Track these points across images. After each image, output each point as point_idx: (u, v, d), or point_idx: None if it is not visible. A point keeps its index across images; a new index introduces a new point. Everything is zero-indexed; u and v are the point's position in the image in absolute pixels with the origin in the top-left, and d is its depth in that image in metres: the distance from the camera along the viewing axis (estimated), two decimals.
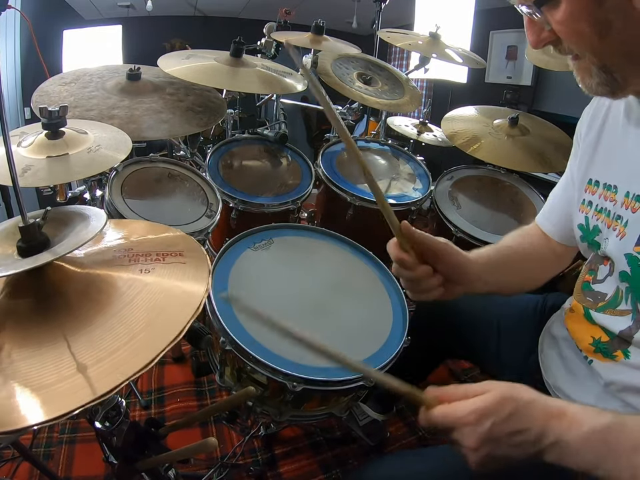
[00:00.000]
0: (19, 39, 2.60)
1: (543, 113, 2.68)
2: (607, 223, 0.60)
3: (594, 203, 0.63)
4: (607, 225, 0.60)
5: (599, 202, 0.62)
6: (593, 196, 0.64)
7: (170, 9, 4.04)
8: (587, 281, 0.66)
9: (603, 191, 0.62)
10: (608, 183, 0.61)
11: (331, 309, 0.86)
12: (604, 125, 0.65)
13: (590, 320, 0.63)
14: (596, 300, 0.63)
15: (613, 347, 0.58)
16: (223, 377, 0.83)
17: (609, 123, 0.64)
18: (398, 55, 4.26)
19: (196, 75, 1.20)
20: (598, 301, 0.62)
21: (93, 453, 1.07)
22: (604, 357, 0.60)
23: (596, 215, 0.63)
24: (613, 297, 0.60)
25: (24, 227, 0.46)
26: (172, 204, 1.13)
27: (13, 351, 0.40)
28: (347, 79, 1.50)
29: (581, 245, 0.68)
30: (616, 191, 0.59)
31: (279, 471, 1.12)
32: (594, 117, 0.67)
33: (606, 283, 0.62)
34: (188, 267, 0.51)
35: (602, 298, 0.62)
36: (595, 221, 0.63)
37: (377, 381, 0.49)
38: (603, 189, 0.62)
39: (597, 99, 0.68)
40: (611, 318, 0.59)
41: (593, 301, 0.63)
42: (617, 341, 0.58)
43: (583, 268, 0.69)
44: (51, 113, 0.83)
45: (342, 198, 1.31)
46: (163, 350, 0.39)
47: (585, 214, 0.65)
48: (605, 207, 0.60)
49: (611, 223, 0.59)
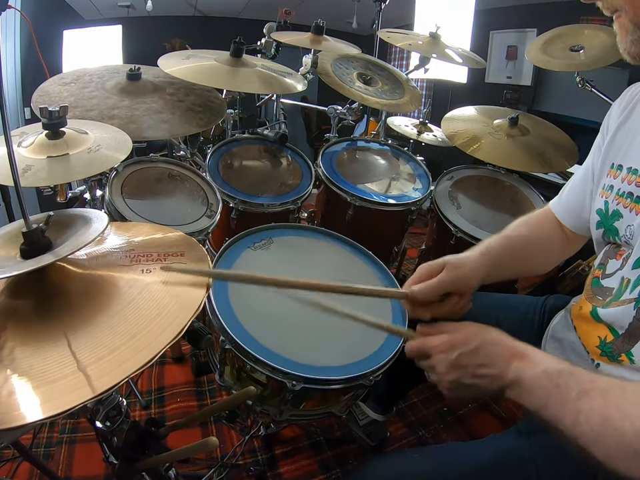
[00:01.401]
0: (19, 38, 2.59)
1: (542, 112, 2.69)
2: (631, 207, 0.59)
3: (615, 187, 0.63)
4: (631, 209, 0.59)
5: (622, 186, 0.61)
6: (615, 180, 0.63)
7: (170, 9, 4.05)
8: (596, 276, 0.66)
9: (627, 175, 0.61)
10: (633, 167, 0.60)
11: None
12: (631, 113, 0.64)
13: (596, 318, 0.62)
14: (604, 296, 0.62)
15: (617, 349, 0.58)
16: (223, 377, 0.84)
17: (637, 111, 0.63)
18: (398, 55, 4.27)
19: (196, 75, 1.20)
20: (606, 297, 0.62)
21: (93, 453, 1.07)
22: (610, 360, 0.59)
23: (617, 199, 0.62)
24: (617, 289, 0.60)
25: (27, 232, 0.46)
26: (172, 204, 1.13)
27: (15, 349, 0.41)
28: (347, 79, 1.51)
29: (596, 233, 0.68)
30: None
31: (279, 470, 1.12)
32: (623, 109, 0.67)
33: (614, 278, 0.61)
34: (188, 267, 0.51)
35: (610, 293, 0.61)
36: (615, 206, 0.62)
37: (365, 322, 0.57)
38: (627, 173, 0.61)
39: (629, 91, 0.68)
40: (615, 311, 0.59)
41: (602, 298, 0.63)
42: (621, 341, 0.57)
43: (595, 264, 0.69)
44: (51, 113, 0.83)
45: (342, 198, 1.32)
46: (163, 348, 0.39)
47: (605, 198, 0.64)
48: (630, 190, 0.59)
49: (634, 207, 0.58)
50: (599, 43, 1.33)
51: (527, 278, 1.93)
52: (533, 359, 0.49)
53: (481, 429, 1.28)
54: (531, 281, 2.04)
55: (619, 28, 0.55)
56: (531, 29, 2.93)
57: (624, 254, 0.61)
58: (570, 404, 0.44)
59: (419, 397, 1.38)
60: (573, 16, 2.17)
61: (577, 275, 1.42)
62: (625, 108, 0.66)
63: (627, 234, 0.59)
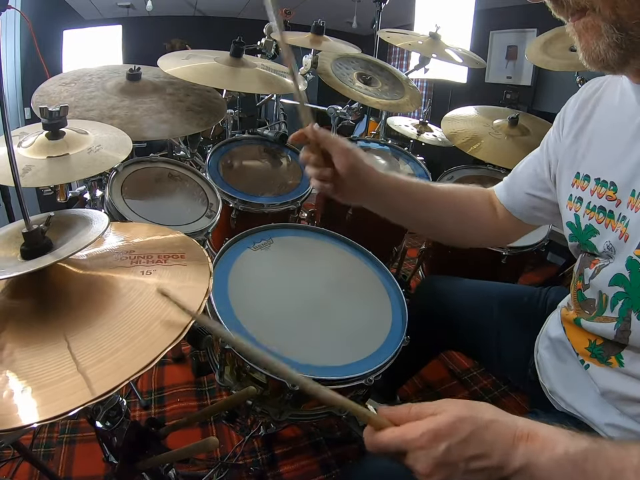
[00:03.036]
0: (19, 38, 2.59)
1: (542, 113, 2.67)
2: (606, 223, 0.56)
3: (585, 200, 0.60)
4: (606, 225, 0.56)
5: (592, 199, 0.58)
6: (583, 192, 0.60)
7: (170, 9, 4.04)
8: (579, 289, 0.63)
9: (596, 187, 0.58)
10: (602, 179, 0.57)
11: (330, 309, 0.86)
12: (591, 117, 0.61)
13: (581, 326, 0.62)
14: (590, 310, 0.60)
15: (607, 351, 0.57)
16: (223, 377, 0.84)
17: (599, 114, 0.60)
18: (398, 55, 4.26)
19: (196, 75, 1.20)
20: (592, 311, 0.60)
21: (93, 453, 1.07)
22: (599, 362, 0.58)
23: (588, 214, 0.59)
24: (599, 304, 0.58)
25: (27, 233, 0.46)
26: (172, 204, 1.13)
27: (14, 350, 0.41)
28: (346, 79, 1.50)
29: (571, 244, 0.65)
30: (615, 188, 0.55)
31: (279, 471, 1.12)
32: (581, 108, 0.63)
33: (592, 289, 0.60)
34: (189, 269, 0.51)
35: (593, 306, 0.59)
36: (588, 220, 0.59)
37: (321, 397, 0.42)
38: (595, 185, 0.58)
39: (585, 88, 0.65)
40: (599, 325, 0.57)
41: (588, 312, 0.61)
42: (611, 344, 0.56)
43: (574, 272, 0.66)
44: (51, 113, 0.83)
45: None
46: (164, 350, 0.39)
47: (574, 211, 0.62)
48: (602, 205, 0.56)
49: (609, 223, 0.55)
50: None
51: (526, 277, 1.93)
52: (546, 439, 0.40)
53: None
54: (531, 280, 2.05)
55: (584, 31, 0.44)
56: (530, 29, 2.92)
57: (598, 263, 0.58)
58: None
59: (418, 396, 1.38)
60: None
61: None
62: (583, 109, 0.63)
63: (606, 250, 0.56)
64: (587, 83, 0.66)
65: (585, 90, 0.65)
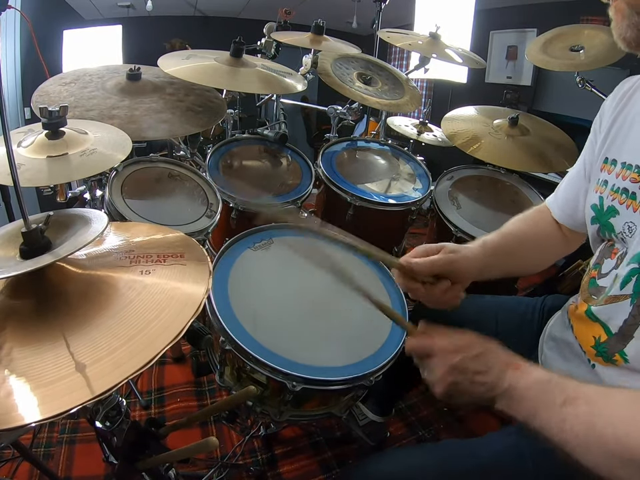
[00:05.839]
0: (19, 38, 2.59)
1: (542, 112, 2.68)
2: (627, 204, 0.58)
3: (610, 183, 0.62)
4: (627, 206, 0.58)
5: (616, 181, 0.60)
6: (609, 175, 0.62)
7: (170, 9, 4.05)
8: (592, 277, 0.65)
9: (622, 170, 0.60)
10: (627, 162, 0.59)
11: (330, 309, 0.86)
12: (626, 105, 0.64)
13: (591, 317, 0.62)
14: (599, 295, 0.62)
15: (611, 348, 0.57)
16: (223, 377, 0.84)
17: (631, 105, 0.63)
18: (398, 55, 4.27)
19: (196, 75, 1.20)
20: (599, 294, 0.62)
21: (93, 453, 1.07)
22: (605, 360, 0.59)
23: (612, 195, 0.61)
24: (610, 286, 0.59)
25: (26, 232, 0.46)
26: (172, 204, 1.13)
27: (13, 349, 0.41)
28: (346, 79, 1.50)
29: (591, 229, 0.67)
30: (639, 171, 0.57)
31: (279, 470, 1.12)
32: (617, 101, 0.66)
33: (609, 277, 0.61)
34: (188, 268, 0.51)
35: (604, 292, 0.61)
36: (610, 202, 0.61)
37: (374, 302, 0.61)
38: (621, 168, 0.60)
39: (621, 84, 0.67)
40: (610, 308, 0.58)
41: (597, 297, 0.62)
42: (615, 340, 0.57)
43: (590, 264, 0.68)
44: (51, 112, 0.83)
45: (342, 198, 1.31)
46: (162, 350, 0.39)
47: (599, 194, 0.64)
48: (624, 186, 0.59)
49: (631, 204, 0.57)
50: (599, 43, 1.33)
51: (526, 278, 1.93)
52: (526, 369, 0.50)
53: (480, 429, 1.28)
54: (531, 281, 2.04)
55: (615, 12, 0.55)
56: (530, 28, 2.93)
57: (618, 252, 0.60)
58: (555, 411, 0.45)
59: (418, 397, 1.38)
60: (573, 16, 2.17)
61: (576, 275, 1.42)
62: (621, 100, 0.65)
63: (624, 230, 0.58)
64: (623, 82, 0.68)
65: (620, 86, 0.68)
